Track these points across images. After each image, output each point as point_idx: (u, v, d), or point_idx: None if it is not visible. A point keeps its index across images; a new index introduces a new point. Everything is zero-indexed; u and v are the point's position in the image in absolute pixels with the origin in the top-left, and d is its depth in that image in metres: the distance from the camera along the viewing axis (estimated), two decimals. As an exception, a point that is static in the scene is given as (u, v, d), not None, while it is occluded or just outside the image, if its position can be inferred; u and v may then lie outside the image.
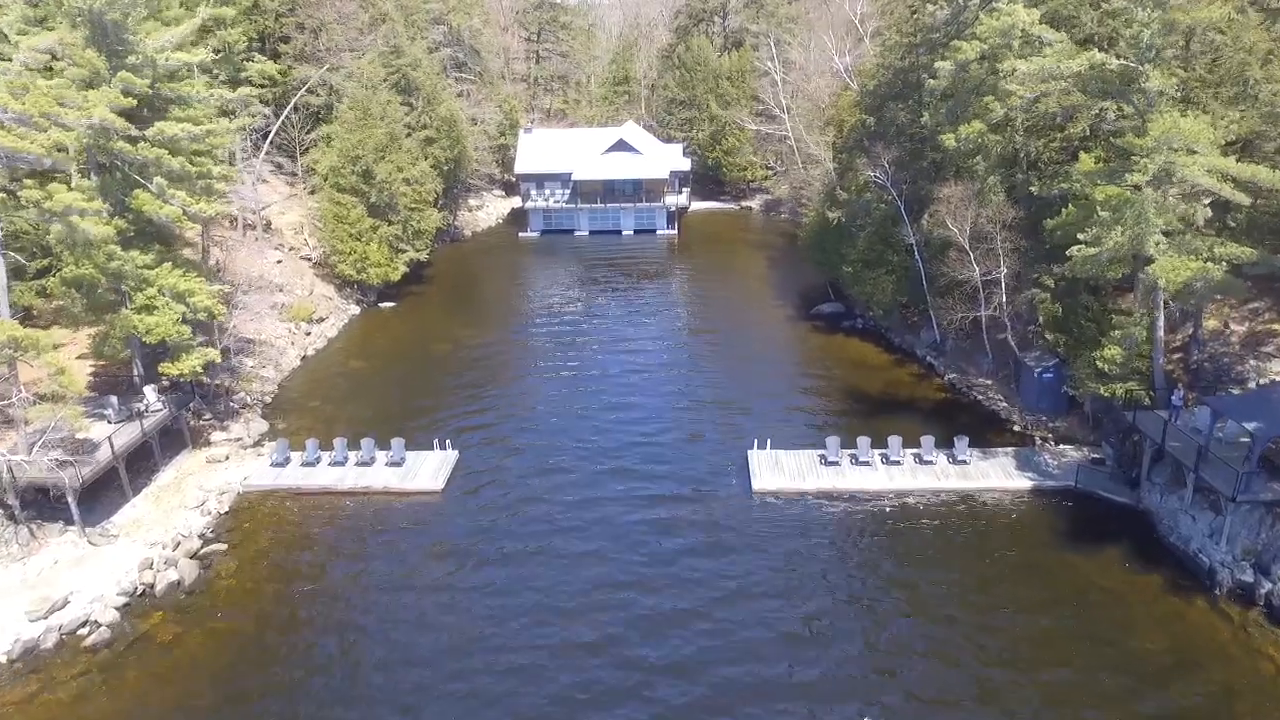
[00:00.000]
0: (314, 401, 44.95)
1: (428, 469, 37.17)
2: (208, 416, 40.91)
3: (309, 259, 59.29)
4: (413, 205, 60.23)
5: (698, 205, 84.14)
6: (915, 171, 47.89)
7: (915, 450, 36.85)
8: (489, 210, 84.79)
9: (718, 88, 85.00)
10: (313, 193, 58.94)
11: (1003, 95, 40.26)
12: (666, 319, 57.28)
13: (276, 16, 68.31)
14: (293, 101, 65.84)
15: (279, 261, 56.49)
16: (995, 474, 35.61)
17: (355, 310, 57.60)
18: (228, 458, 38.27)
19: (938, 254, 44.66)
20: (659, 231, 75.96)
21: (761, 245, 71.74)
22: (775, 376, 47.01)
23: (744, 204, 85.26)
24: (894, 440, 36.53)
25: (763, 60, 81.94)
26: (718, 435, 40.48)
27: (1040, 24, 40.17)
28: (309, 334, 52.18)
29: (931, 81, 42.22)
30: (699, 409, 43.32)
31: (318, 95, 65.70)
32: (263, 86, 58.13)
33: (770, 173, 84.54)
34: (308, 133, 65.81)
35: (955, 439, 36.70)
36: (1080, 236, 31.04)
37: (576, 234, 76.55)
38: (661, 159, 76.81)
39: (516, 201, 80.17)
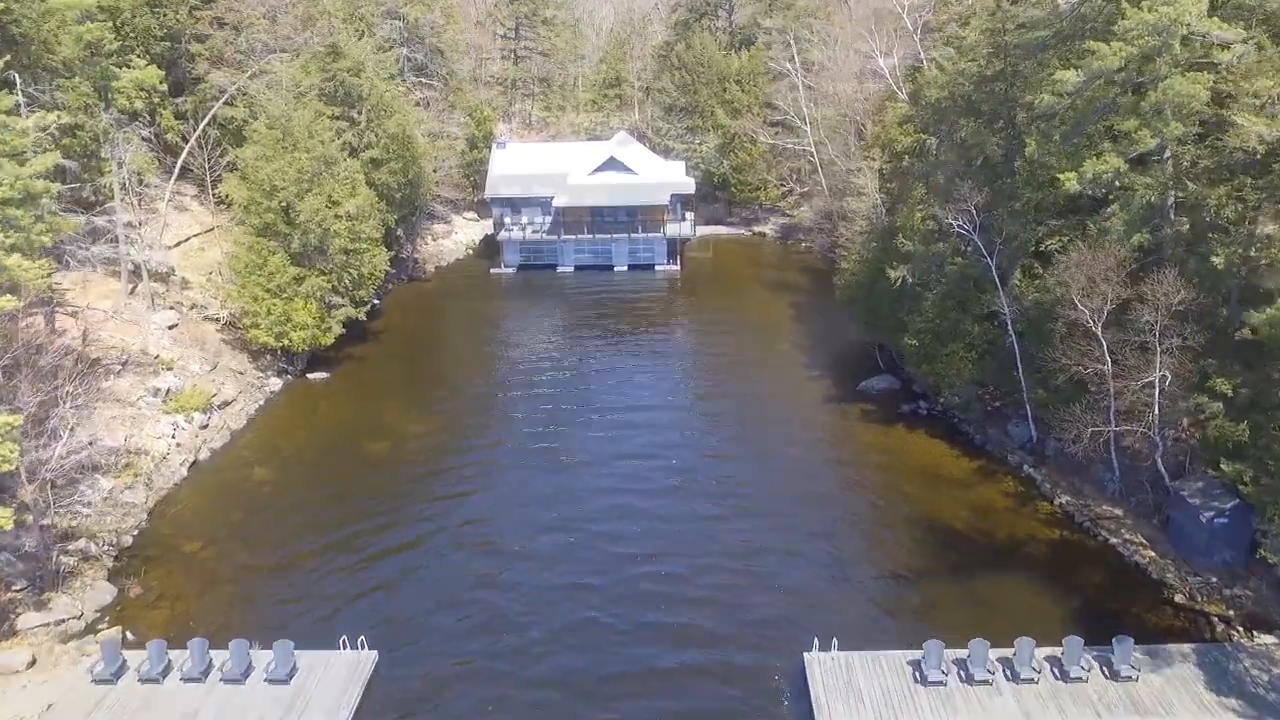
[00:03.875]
0: (192, 543, 32.61)
1: (328, 689, 24.83)
2: (20, 586, 28.57)
3: (216, 319, 46.81)
4: (351, 246, 47.76)
5: (702, 230, 71.72)
6: (1008, 215, 35.72)
7: (1054, 654, 24.73)
8: (459, 238, 72.20)
9: (724, 93, 72.50)
10: (241, 224, 46.77)
11: (1150, 118, 28.39)
12: (668, 394, 45.21)
13: (191, 9, 55.86)
14: (209, 115, 53.55)
15: (172, 326, 43.98)
16: (1180, 700, 23.53)
17: (276, 385, 45.06)
18: (33, 663, 25.86)
19: (1044, 337, 32.65)
20: (658, 267, 63.58)
21: (782, 285, 59.48)
22: (820, 496, 34.80)
23: (756, 229, 72.81)
24: (1023, 644, 24.35)
25: (779, 60, 69.58)
26: (755, 600, 28.51)
27: (1212, 18, 28.28)
28: (205, 426, 39.74)
29: (1048, 97, 30.15)
30: (719, 552, 31.20)
31: (237, 108, 53.27)
32: (140, 99, 45.52)
33: (787, 192, 72.10)
34: (222, 155, 53.32)
35: (1115, 641, 24.53)
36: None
37: (559, 270, 64.12)
38: (661, 179, 64.44)
39: (491, 226, 67.83)
